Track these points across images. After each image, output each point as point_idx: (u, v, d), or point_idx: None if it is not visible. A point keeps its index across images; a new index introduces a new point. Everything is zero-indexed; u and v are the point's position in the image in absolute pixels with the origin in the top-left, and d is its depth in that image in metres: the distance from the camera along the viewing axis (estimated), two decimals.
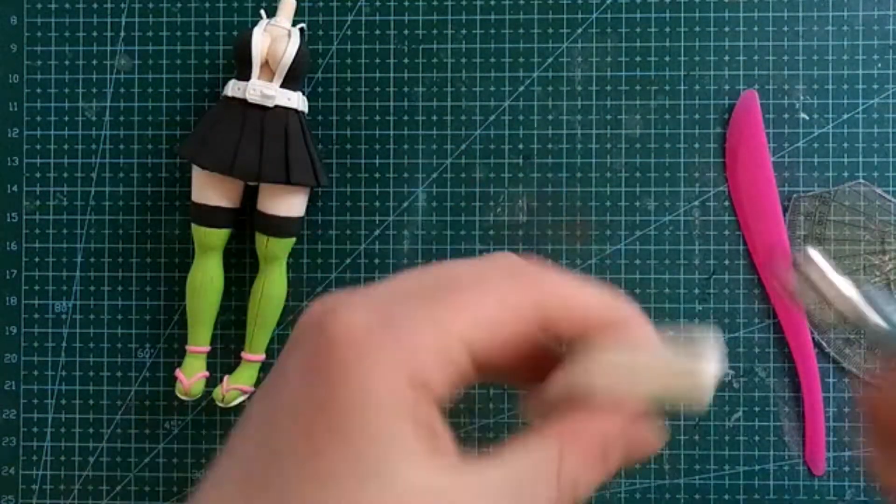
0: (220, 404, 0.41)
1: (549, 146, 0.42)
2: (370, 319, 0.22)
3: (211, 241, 0.40)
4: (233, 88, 0.39)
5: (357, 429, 0.21)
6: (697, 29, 0.42)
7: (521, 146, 0.42)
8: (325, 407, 0.21)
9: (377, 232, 0.42)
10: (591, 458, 0.24)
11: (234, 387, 0.41)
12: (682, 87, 0.42)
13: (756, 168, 0.41)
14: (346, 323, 0.21)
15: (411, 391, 0.21)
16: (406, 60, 0.43)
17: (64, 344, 0.43)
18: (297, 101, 0.40)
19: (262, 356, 0.41)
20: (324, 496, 0.21)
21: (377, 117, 0.43)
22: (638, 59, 0.42)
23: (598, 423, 0.24)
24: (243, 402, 0.41)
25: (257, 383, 0.42)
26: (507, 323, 0.23)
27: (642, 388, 0.25)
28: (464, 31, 0.42)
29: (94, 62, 0.43)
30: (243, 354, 0.41)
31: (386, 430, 0.21)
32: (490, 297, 0.22)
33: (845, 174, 0.41)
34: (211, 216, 0.40)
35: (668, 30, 0.42)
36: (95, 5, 0.43)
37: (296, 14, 0.41)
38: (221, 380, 0.41)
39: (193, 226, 0.40)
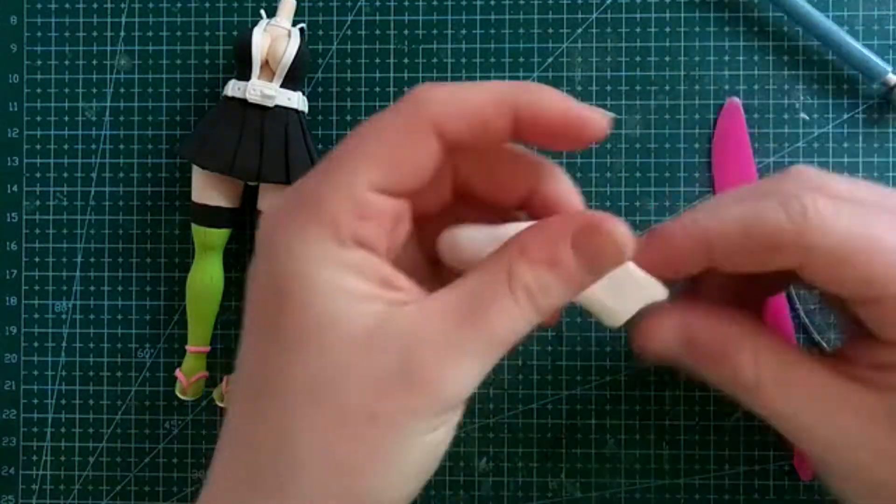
0: (220, 404, 0.41)
1: None
2: (291, 206, 0.24)
3: (211, 241, 0.40)
4: (233, 88, 0.39)
5: (299, 293, 0.23)
6: (697, 29, 0.42)
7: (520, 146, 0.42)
8: (274, 292, 0.24)
9: None
10: (541, 259, 0.24)
11: None
12: (682, 87, 0.42)
13: (744, 178, 0.41)
14: (272, 222, 0.24)
15: (340, 245, 0.23)
16: (406, 60, 0.43)
17: (64, 344, 0.43)
18: (297, 101, 0.40)
19: None
20: (279, 350, 0.23)
21: None
22: (638, 59, 0.42)
23: (543, 229, 0.25)
24: None
25: None
26: (410, 149, 0.24)
27: None
28: (464, 31, 0.42)
29: (94, 62, 0.43)
30: None
31: (321, 281, 0.23)
32: (384, 134, 0.24)
33: (845, 175, 0.41)
34: (211, 216, 0.40)
35: (668, 30, 0.42)
36: (95, 5, 0.43)
37: (296, 14, 0.41)
38: (221, 380, 0.41)
39: (193, 226, 0.41)
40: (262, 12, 0.41)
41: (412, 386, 0.23)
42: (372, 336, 0.23)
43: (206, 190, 0.40)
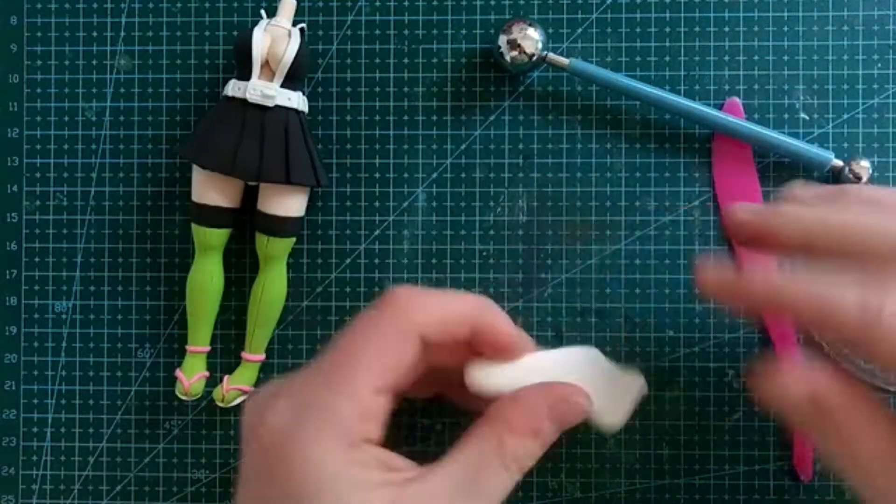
0: (221, 404, 0.41)
1: (549, 146, 0.42)
2: (299, 416, 0.27)
3: (211, 241, 0.40)
4: (233, 88, 0.39)
5: (323, 496, 0.26)
6: (697, 29, 0.42)
7: (521, 146, 0.42)
8: (286, 488, 0.26)
9: (377, 232, 0.42)
10: (526, 432, 0.29)
11: (234, 387, 0.41)
12: (682, 87, 0.42)
13: (744, 178, 0.41)
14: (271, 427, 0.27)
15: (350, 447, 0.27)
16: (406, 60, 0.43)
17: (64, 344, 0.43)
18: (297, 101, 0.40)
19: (262, 356, 0.41)
20: None
21: (377, 117, 0.43)
22: (638, 59, 0.42)
23: (525, 406, 0.30)
24: (243, 401, 0.41)
25: (257, 383, 0.42)
26: (406, 355, 0.29)
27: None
28: (464, 32, 0.42)
29: (94, 62, 0.43)
30: (243, 354, 0.41)
31: (342, 483, 0.26)
32: (382, 342, 0.29)
33: None
34: (211, 216, 0.40)
35: (668, 30, 0.42)
36: (95, 5, 0.43)
37: (296, 14, 0.41)
38: (221, 380, 0.41)
39: (193, 226, 0.41)
40: (263, 12, 0.41)
41: None
42: None
43: (206, 190, 0.40)
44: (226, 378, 0.41)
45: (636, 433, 0.41)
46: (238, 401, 0.41)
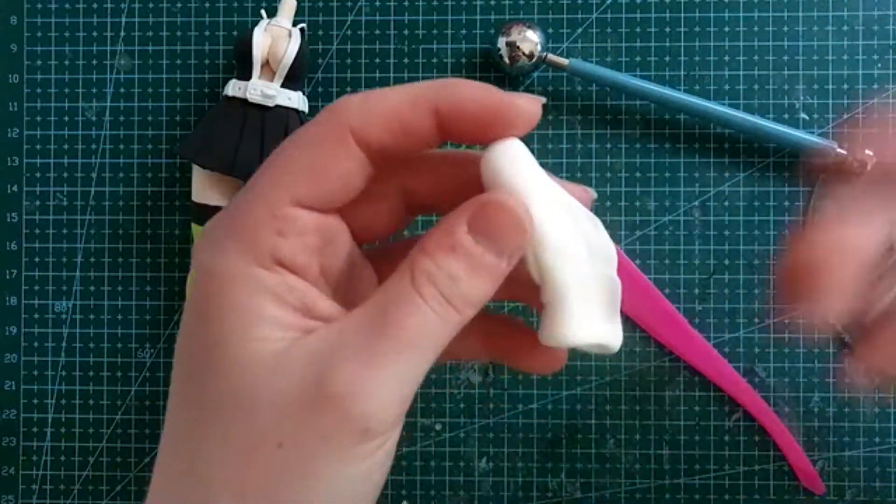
0: None
1: (549, 146, 0.42)
2: (216, 224, 0.23)
3: None
4: (233, 88, 0.39)
5: (214, 315, 0.22)
6: (697, 29, 0.42)
7: None
8: (193, 311, 0.23)
9: None
10: (439, 250, 0.22)
11: None
12: (682, 87, 0.42)
13: None
14: (201, 235, 0.24)
15: (257, 264, 0.22)
16: (406, 60, 0.43)
17: (64, 344, 0.43)
18: (297, 100, 0.40)
19: None
20: (196, 371, 0.22)
21: None
22: (638, 58, 0.42)
23: (441, 222, 0.23)
24: None
25: None
26: (328, 158, 0.23)
27: None
28: (463, 31, 0.42)
29: (94, 62, 0.43)
30: None
31: (242, 306, 0.22)
32: (302, 147, 0.23)
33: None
34: (211, 216, 0.40)
35: (668, 30, 0.42)
36: (95, 5, 0.43)
37: (296, 14, 0.41)
38: None
39: (193, 226, 0.41)
40: (263, 12, 0.41)
41: (321, 409, 0.21)
42: (279, 359, 0.21)
43: (206, 190, 0.40)
44: None
45: (636, 433, 0.41)
46: None
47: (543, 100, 0.24)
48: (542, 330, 0.23)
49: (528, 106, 0.23)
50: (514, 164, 0.23)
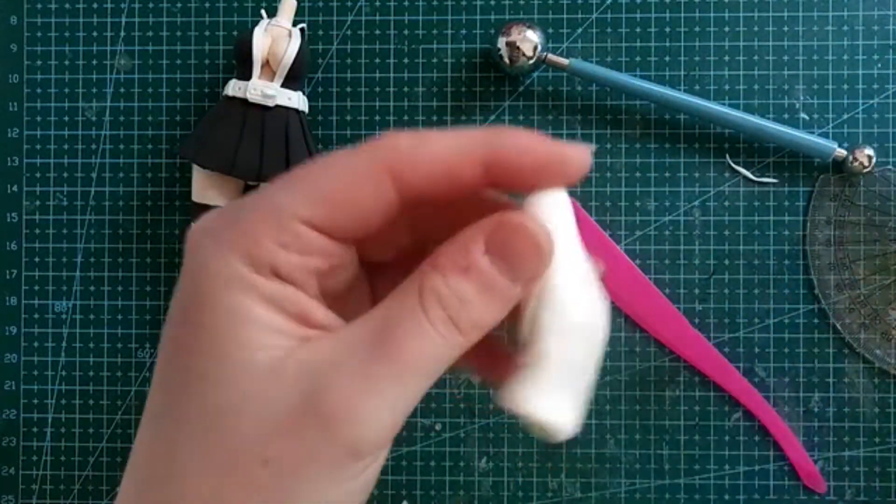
0: None
1: None
2: (217, 222, 0.22)
3: None
4: (233, 88, 0.39)
5: (206, 316, 0.21)
6: (697, 29, 0.42)
7: None
8: (183, 311, 0.22)
9: None
10: (453, 267, 0.21)
11: None
12: (682, 87, 0.42)
13: None
14: (196, 231, 0.22)
15: (254, 271, 0.21)
16: (406, 60, 0.43)
17: (64, 344, 0.43)
18: (297, 100, 0.40)
19: None
20: (180, 376, 0.21)
21: (377, 117, 0.43)
22: (638, 58, 0.42)
23: (456, 239, 0.21)
24: None
25: None
26: (356, 191, 0.22)
27: None
28: (463, 32, 0.42)
29: (94, 62, 0.43)
30: None
31: (237, 310, 0.21)
32: (332, 171, 0.22)
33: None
34: None
35: (668, 30, 0.42)
36: (95, 5, 0.43)
37: (296, 14, 0.41)
38: None
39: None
40: (263, 12, 0.41)
41: (312, 426, 0.20)
42: (274, 370, 0.20)
43: (206, 190, 0.40)
44: None
45: (636, 433, 0.41)
46: None
47: (593, 147, 0.23)
48: (509, 391, 0.21)
49: (579, 157, 0.22)
50: (558, 216, 0.22)
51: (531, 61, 0.40)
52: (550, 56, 0.40)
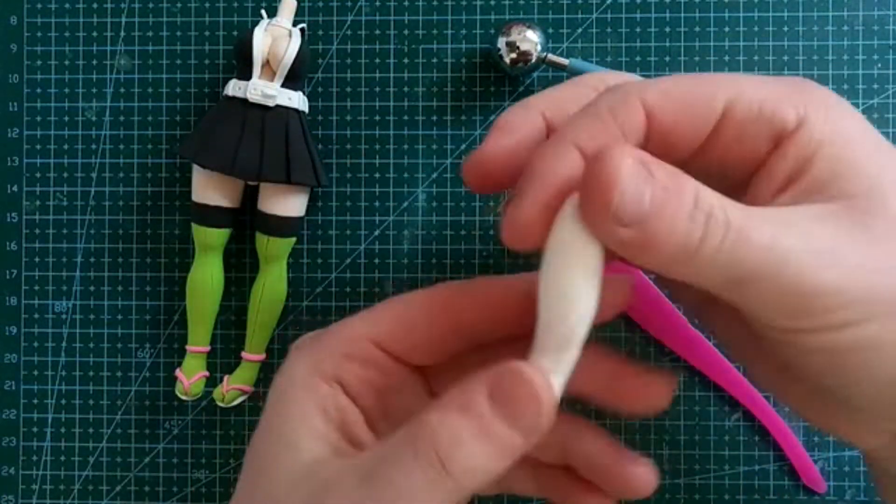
0: (221, 404, 0.41)
1: None
2: (308, 338, 0.26)
3: (211, 241, 0.40)
4: (233, 88, 0.39)
5: (276, 412, 0.25)
6: (697, 29, 0.42)
7: None
8: (269, 398, 0.25)
9: (377, 232, 0.42)
10: (450, 409, 0.21)
11: (234, 387, 0.41)
12: None
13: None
14: (294, 345, 0.26)
15: (321, 381, 0.25)
16: (406, 60, 0.43)
17: (64, 344, 0.43)
18: (297, 100, 0.40)
19: (263, 356, 0.41)
20: (248, 463, 0.25)
21: (377, 117, 0.43)
22: (638, 59, 0.42)
23: (464, 381, 0.22)
24: (243, 401, 0.41)
25: (257, 383, 0.42)
26: (421, 319, 0.25)
27: None
28: (463, 32, 0.42)
29: (94, 62, 0.43)
30: (243, 354, 0.41)
31: (296, 411, 0.24)
32: (400, 304, 0.26)
33: None
34: (211, 216, 0.40)
35: (668, 30, 0.42)
36: (95, 5, 0.43)
37: (296, 14, 0.41)
38: (221, 380, 0.41)
39: (193, 226, 0.41)
40: (263, 12, 0.41)
41: None
42: (302, 478, 0.23)
43: (207, 190, 0.40)
44: (226, 378, 0.41)
45: (636, 433, 0.41)
46: (238, 401, 0.41)
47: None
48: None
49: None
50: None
51: (531, 61, 0.40)
52: (550, 56, 0.40)
